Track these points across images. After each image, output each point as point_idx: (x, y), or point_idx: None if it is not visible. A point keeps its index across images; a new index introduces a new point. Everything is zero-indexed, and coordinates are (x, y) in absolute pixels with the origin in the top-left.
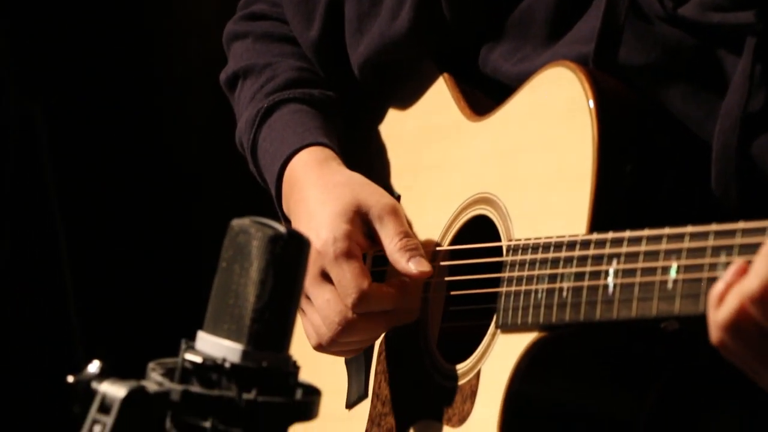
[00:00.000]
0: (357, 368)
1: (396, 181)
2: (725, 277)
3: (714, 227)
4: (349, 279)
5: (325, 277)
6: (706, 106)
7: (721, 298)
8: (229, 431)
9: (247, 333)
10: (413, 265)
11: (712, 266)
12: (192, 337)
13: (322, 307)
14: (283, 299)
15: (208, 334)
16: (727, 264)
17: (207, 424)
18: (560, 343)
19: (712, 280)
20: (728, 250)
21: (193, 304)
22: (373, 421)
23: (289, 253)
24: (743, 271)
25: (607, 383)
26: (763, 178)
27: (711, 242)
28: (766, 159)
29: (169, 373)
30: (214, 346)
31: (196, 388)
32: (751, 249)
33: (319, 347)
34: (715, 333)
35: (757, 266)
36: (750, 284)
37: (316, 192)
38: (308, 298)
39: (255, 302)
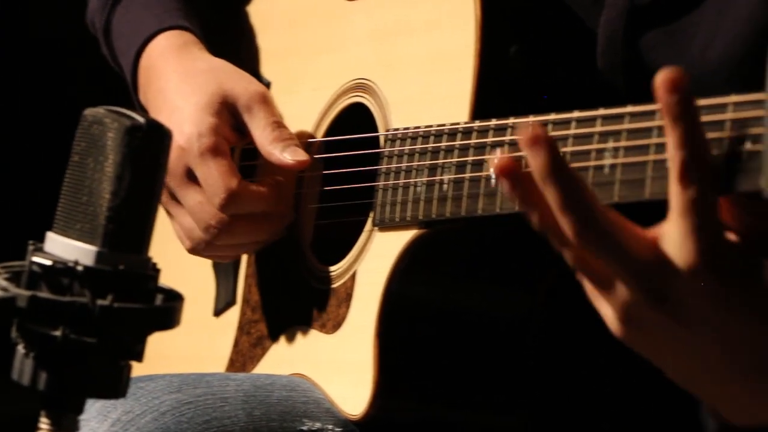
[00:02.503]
0: (225, 273)
1: (265, 66)
2: None
3: (601, 112)
4: (216, 177)
5: (192, 176)
6: None
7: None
8: (82, 340)
9: (101, 233)
10: (289, 155)
11: (599, 152)
12: (41, 239)
13: (194, 209)
14: (141, 196)
15: (59, 234)
16: (616, 150)
17: (57, 333)
18: (441, 241)
19: (599, 169)
20: (616, 135)
21: (41, 203)
22: (242, 328)
23: (149, 145)
24: None
25: (492, 281)
26: (651, 72)
27: (598, 128)
28: (651, 55)
29: (14, 278)
30: (65, 247)
31: (44, 294)
32: (638, 134)
33: (194, 251)
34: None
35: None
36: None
37: (177, 81)
38: (176, 200)
39: (111, 200)
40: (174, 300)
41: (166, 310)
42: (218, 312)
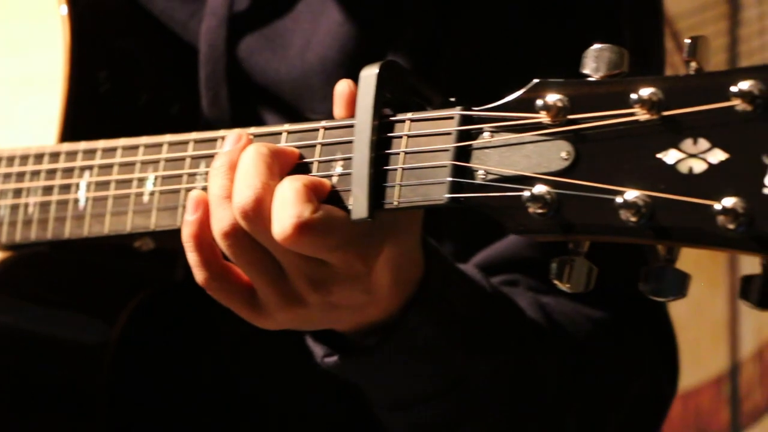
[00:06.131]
0: None
1: None
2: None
3: (194, 136)
4: None
5: None
6: (191, 5)
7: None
8: None
9: None
10: None
11: (191, 176)
12: None
13: None
14: None
15: None
16: (207, 173)
17: None
18: (26, 265)
19: (191, 191)
20: (208, 159)
21: None
22: None
23: None
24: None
25: (79, 308)
26: (252, 79)
27: (191, 152)
28: (252, 60)
29: None
30: None
31: None
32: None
33: None
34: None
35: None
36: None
37: None
38: None
39: None
40: None
41: None
42: None
